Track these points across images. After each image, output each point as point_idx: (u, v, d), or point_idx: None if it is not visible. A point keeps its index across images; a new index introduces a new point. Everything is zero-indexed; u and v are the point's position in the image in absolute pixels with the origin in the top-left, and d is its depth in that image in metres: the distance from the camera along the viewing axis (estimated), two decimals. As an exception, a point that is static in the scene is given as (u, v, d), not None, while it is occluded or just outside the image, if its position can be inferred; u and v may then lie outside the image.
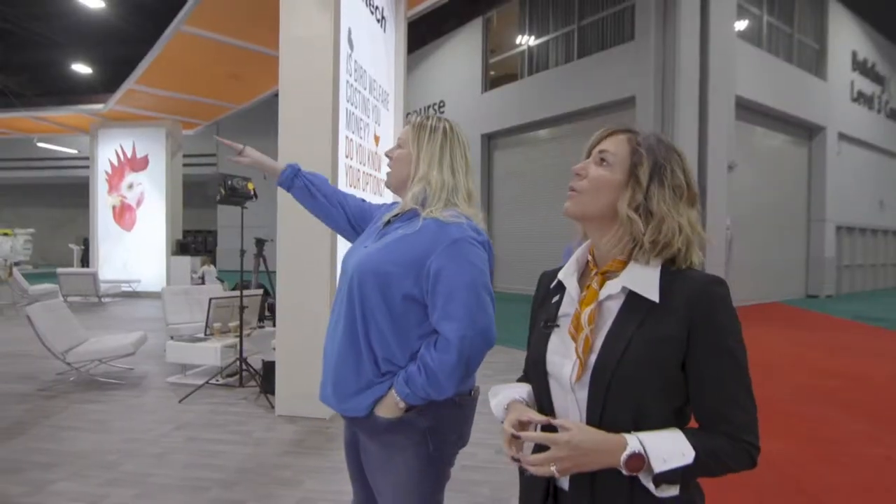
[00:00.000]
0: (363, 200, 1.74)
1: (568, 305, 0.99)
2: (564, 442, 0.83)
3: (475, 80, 14.75)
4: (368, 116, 5.11)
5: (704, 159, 9.85)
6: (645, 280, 0.90)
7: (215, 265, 12.08)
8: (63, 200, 23.59)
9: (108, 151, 12.94)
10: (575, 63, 12.12)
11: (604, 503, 0.89)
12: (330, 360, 1.42)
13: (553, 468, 0.83)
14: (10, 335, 7.03)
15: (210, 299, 5.20)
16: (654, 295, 0.88)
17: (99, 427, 3.77)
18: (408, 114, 6.49)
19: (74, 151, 19.02)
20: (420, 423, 1.33)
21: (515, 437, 0.90)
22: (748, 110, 11.45)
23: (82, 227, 15.93)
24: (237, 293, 5.20)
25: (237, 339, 4.84)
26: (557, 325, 0.99)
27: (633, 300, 0.90)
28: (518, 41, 13.85)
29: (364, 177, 4.90)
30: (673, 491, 0.85)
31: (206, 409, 4.18)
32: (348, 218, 1.68)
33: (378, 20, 5.43)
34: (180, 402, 4.33)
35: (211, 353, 4.74)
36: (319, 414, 3.96)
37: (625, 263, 0.93)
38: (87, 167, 13.40)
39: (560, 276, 1.03)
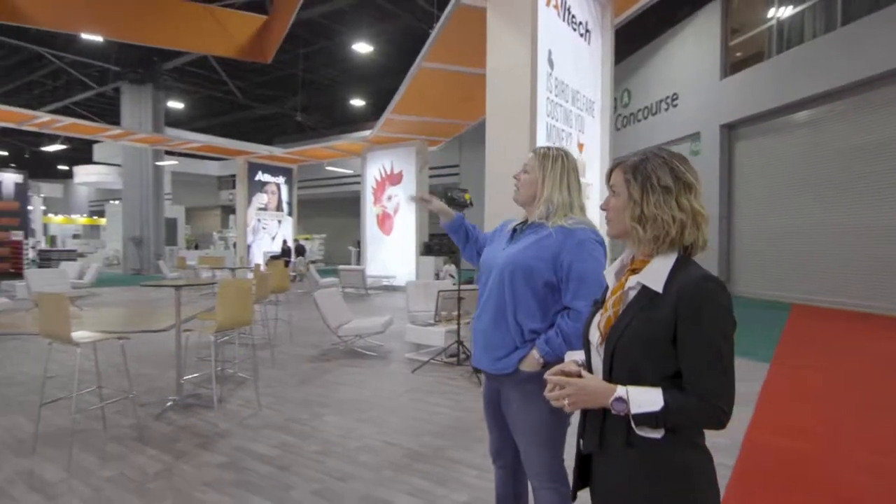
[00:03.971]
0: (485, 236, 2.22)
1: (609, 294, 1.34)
2: (573, 384, 1.19)
3: (713, 67, 13.56)
4: (571, 126, 5.50)
5: None
6: (656, 274, 1.19)
7: (458, 265, 13.67)
8: (343, 211, 29.14)
9: (373, 170, 15.80)
10: (838, 31, 10.31)
11: (609, 432, 1.22)
12: (480, 334, 1.96)
13: (565, 402, 1.20)
14: (305, 315, 9.32)
15: (438, 291, 6.23)
16: (659, 287, 1.18)
17: (357, 384, 5.01)
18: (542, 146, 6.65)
19: (350, 171, 23.41)
20: None
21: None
22: None
23: (356, 232, 19.55)
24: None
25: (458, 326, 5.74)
26: (602, 308, 1.34)
27: (644, 290, 1.21)
28: (767, 15, 12.34)
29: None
30: (654, 434, 1.14)
31: (431, 379, 5.13)
32: (479, 252, 2.17)
33: (581, 35, 5.77)
34: (412, 372, 5.38)
35: (437, 336, 5.74)
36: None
37: (646, 262, 1.24)
38: (359, 183, 16.57)
39: (605, 272, 1.39)
